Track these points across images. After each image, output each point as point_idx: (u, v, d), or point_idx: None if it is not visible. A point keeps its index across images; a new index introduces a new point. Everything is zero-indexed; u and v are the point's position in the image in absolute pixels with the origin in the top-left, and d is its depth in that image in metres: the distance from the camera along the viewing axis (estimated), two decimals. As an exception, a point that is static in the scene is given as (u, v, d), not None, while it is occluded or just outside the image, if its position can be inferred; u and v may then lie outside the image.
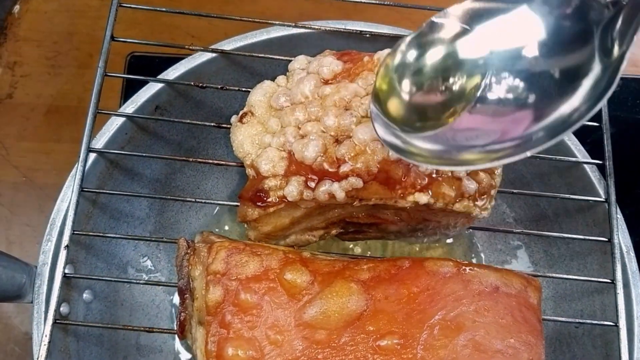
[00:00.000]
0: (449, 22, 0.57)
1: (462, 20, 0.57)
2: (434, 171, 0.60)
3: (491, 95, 0.56)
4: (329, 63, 0.64)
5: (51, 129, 0.98)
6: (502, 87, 0.56)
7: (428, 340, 0.55)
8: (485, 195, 0.61)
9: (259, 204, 0.60)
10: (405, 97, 0.57)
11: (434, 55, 0.58)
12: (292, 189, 0.59)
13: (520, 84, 0.55)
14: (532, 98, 0.55)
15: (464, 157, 0.53)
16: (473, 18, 0.57)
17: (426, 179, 0.59)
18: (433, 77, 0.57)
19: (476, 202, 0.61)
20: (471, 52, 0.57)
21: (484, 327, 0.56)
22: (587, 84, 0.52)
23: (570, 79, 0.53)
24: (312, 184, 0.59)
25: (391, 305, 0.57)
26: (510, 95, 0.55)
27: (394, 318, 0.56)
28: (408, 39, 0.58)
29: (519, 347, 0.56)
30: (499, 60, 0.56)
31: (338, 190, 0.58)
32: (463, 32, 0.57)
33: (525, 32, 0.56)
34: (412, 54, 0.58)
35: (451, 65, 0.57)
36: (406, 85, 0.57)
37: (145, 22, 1.03)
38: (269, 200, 0.60)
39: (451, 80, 0.57)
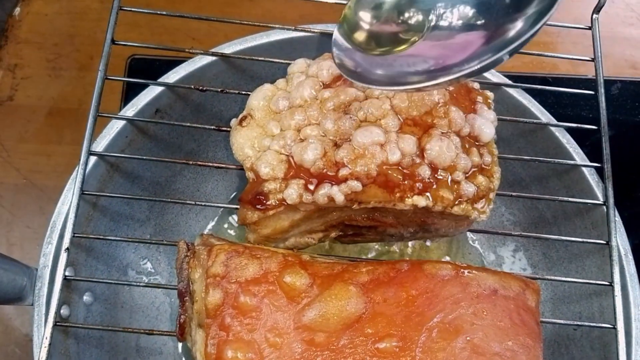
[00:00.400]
0: None
1: None
2: (434, 175, 0.60)
3: (441, 24, 0.58)
4: (328, 67, 0.64)
5: (52, 131, 0.98)
6: (451, 17, 0.58)
7: (427, 342, 0.55)
8: (483, 199, 0.62)
9: (259, 206, 0.60)
10: (365, 26, 0.61)
11: None
12: (292, 192, 0.59)
13: (468, 12, 0.57)
14: (479, 24, 0.57)
15: (412, 79, 0.55)
16: None
17: (425, 182, 0.60)
18: (389, 11, 0.60)
19: (475, 205, 0.61)
20: None
21: (482, 329, 0.56)
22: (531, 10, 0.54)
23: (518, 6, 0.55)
24: (312, 187, 0.59)
25: (390, 307, 0.57)
26: (457, 23, 0.58)
27: (392, 321, 0.56)
28: None
29: (517, 349, 0.56)
30: None
31: (337, 193, 0.59)
32: None
33: None
34: None
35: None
36: (366, 16, 0.61)
37: (146, 24, 1.03)
38: (269, 203, 0.60)
39: (406, 15, 0.60)
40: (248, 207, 0.61)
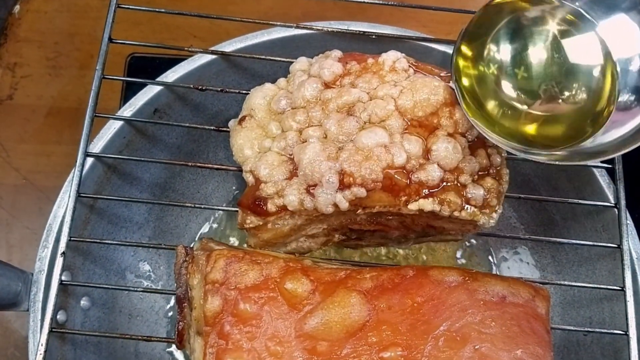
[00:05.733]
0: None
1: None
2: (440, 178, 0.58)
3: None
4: (330, 65, 0.63)
5: (52, 130, 0.97)
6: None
7: (432, 352, 0.54)
8: (492, 202, 0.60)
9: (258, 213, 0.59)
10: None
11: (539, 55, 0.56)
12: (293, 199, 0.58)
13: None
14: None
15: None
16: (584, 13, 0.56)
17: (431, 185, 0.58)
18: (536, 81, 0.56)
19: (483, 210, 0.59)
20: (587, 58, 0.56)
21: (490, 338, 0.54)
22: None
23: None
24: (313, 190, 0.58)
25: (395, 315, 0.55)
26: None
27: (397, 329, 0.55)
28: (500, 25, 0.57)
29: (526, 359, 0.54)
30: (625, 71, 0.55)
31: (342, 201, 0.57)
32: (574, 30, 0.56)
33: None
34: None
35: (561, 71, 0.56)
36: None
37: (147, 22, 1.02)
38: (268, 209, 0.58)
39: (566, 92, 0.56)
40: (247, 212, 0.60)
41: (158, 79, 0.73)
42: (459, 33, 0.59)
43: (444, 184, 0.58)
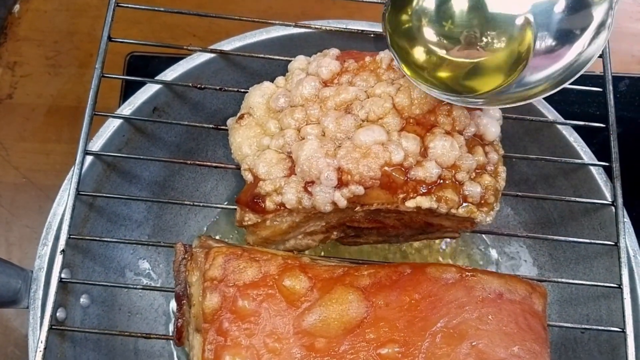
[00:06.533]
0: None
1: None
2: (438, 175, 0.58)
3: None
4: (327, 63, 0.63)
5: (51, 129, 0.97)
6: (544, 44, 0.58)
7: (430, 348, 0.54)
8: (489, 200, 0.60)
9: (256, 210, 0.59)
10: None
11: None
12: (291, 197, 0.58)
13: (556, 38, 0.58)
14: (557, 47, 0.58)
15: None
16: None
17: (429, 183, 0.58)
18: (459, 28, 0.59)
19: (480, 207, 0.59)
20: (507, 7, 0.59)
21: (487, 335, 0.55)
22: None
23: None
24: (311, 188, 0.58)
25: (392, 312, 0.55)
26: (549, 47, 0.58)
27: (395, 326, 0.55)
28: None
29: (523, 355, 0.54)
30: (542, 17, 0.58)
31: (340, 199, 0.57)
32: None
33: None
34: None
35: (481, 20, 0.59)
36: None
37: (146, 21, 1.02)
38: (267, 206, 0.59)
39: (485, 39, 0.59)
40: (246, 209, 0.60)
41: (157, 78, 0.73)
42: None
43: (442, 181, 0.59)
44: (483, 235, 0.85)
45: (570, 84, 0.57)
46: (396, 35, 0.60)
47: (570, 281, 0.73)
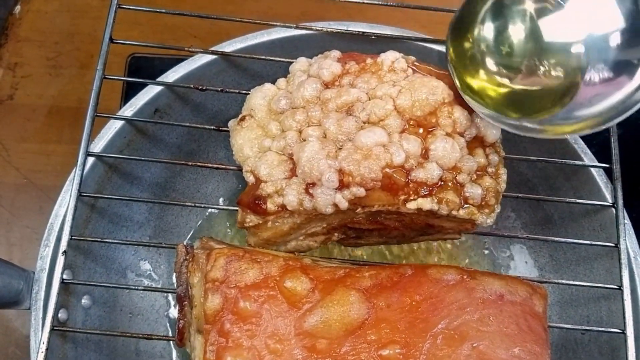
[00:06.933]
0: None
1: None
2: (438, 177, 0.59)
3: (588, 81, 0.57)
4: (329, 65, 0.63)
5: (52, 130, 0.97)
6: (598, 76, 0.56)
7: (431, 349, 0.54)
8: (490, 202, 0.60)
9: (258, 212, 0.59)
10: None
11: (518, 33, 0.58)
12: (292, 199, 0.58)
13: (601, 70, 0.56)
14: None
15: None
16: None
17: (430, 184, 0.58)
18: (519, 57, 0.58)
19: (481, 209, 0.60)
20: (561, 35, 0.57)
21: (488, 336, 0.55)
22: None
23: None
24: (312, 190, 0.58)
25: (393, 313, 0.56)
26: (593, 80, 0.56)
27: (396, 327, 0.55)
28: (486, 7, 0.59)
29: (524, 356, 0.55)
30: (595, 49, 0.56)
31: (342, 201, 0.57)
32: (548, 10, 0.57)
33: (608, 17, 0.56)
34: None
35: (538, 48, 0.58)
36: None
37: (147, 22, 1.02)
38: (268, 208, 0.59)
39: (542, 67, 0.57)
40: (247, 211, 0.60)
41: (158, 79, 0.73)
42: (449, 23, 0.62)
43: (442, 183, 0.59)
44: (483, 237, 0.85)
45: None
46: (457, 57, 0.61)
47: (571, 282, 0.73)
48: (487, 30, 0.60)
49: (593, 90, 0.56)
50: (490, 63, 0.59)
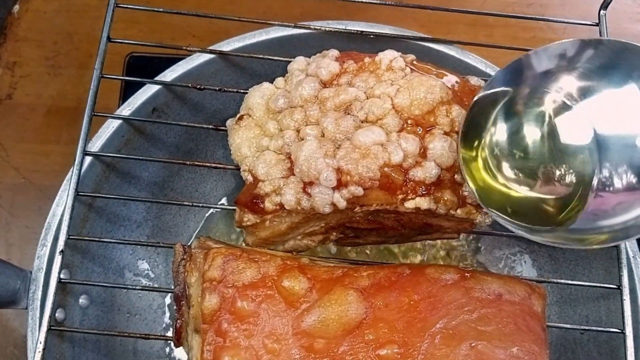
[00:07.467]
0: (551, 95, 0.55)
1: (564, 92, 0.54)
2: (437, 176, 0.58)
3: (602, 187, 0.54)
4: (327, 64, 0.63)
5: (51, 130, 0.97)
6: (616, 179, 0.53)
7: (429, 349, 0.54)
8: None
9: (256, 211, 0.59)
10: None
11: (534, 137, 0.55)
12: (290, 198, 0.58)
13: (626, 173, 0.53)
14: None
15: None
16: (579, 92, 0.54)
17: (428, 183, 0.58)
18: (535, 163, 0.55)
19: (479, 208, 0.59)
20: (577, 138, 0.54)
21: (486, 336, 0.55)
22: None
23: None
24: (309, 189, 0.58)
25: (391, 313, 0.55)
26: (616, 185, 0.53)
27: (394, 326, 0.55)
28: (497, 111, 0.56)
29: (522, 356, 0.54)
30: (609, 151, 0.53)
31: (340, 200, 0.57)
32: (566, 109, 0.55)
33: (631, 116, 0.53)
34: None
35: (555, 152, 0.55)
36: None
37: (145, 21, 1.02)
38: (266, 207, 0.59)
39: (557, 172, 0.55)
40: (245, 210, 0.60)
41: (156, 78, 0.73)
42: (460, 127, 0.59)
43: (441, 182, 0.58)
44: (482, 236, 0.85)
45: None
46: (469, 162, 0.57)
47: (570, 282, 0.73)
48: (499, 136, 0.57)
49: (603, 204, 0.53)
50: (505, 168, 0.57)
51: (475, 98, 0.57)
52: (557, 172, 0.55)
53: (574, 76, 0.55)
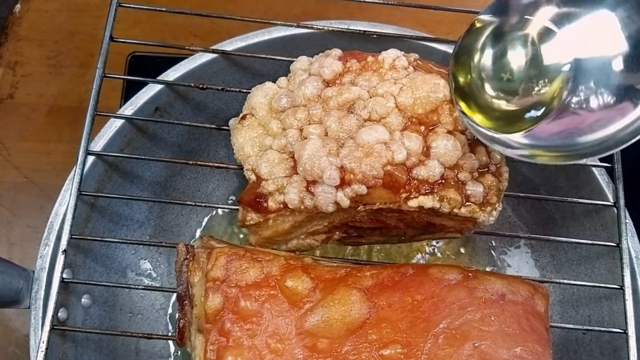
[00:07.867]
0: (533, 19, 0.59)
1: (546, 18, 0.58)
2: (440, 174, 0.58)
3: (572, 102, 0.57)
4: (330, 64, 0.63)
5: (52, 129, 0.97)
6: (583, 95, 0.57)
7: (432, 349, 0.54)
8: (492, 200, 0.60)
9: (259, 210, 0.59)
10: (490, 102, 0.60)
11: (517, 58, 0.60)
12: (293, 197, 0.58)
13: (601, 94, 0.56)
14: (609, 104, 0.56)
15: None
16: (558, 17, 0.58)
17: (431, 182, 0.58)
18: (517, 82, 0.60)
19: (482, 207, 0.59)
20: (556, 57, 0.58)
21: (489, 336, 0.54)
22: None
23: None
24: (313, 188, 0.58)
25: (395, 313, 0.55)
26: (590, 104, 0.57)
27: (397, 326, 0.55)
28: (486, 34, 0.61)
29: (525, 356, 0.54)
30: (584, 71, 0.57)
31: (343, 198, 0.57)
32: (548, 33, 0.59)
33: (609, 40, 0.57)
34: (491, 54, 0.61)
35: (535, 71, 0.59)
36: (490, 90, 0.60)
37: (147, 21, 1.02)
38: (269, 206, 0.58)
39: (536, 88, 0.59)
40: (248, 209, 0.60)
41: (159, 78, 0.73)
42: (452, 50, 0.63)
43: (444, 181, 0.58)
44: (485, 236, 0.85)
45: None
46: (459, 85, 0.61)
47: (572, 282, 0.73)
48: (486, 58, 0.61)
49: (583, 115, 0.56)
50: (489, 88, 0.60)
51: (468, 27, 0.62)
52: (536, 88, 0.59)
53: (555, 3, 0.59)
